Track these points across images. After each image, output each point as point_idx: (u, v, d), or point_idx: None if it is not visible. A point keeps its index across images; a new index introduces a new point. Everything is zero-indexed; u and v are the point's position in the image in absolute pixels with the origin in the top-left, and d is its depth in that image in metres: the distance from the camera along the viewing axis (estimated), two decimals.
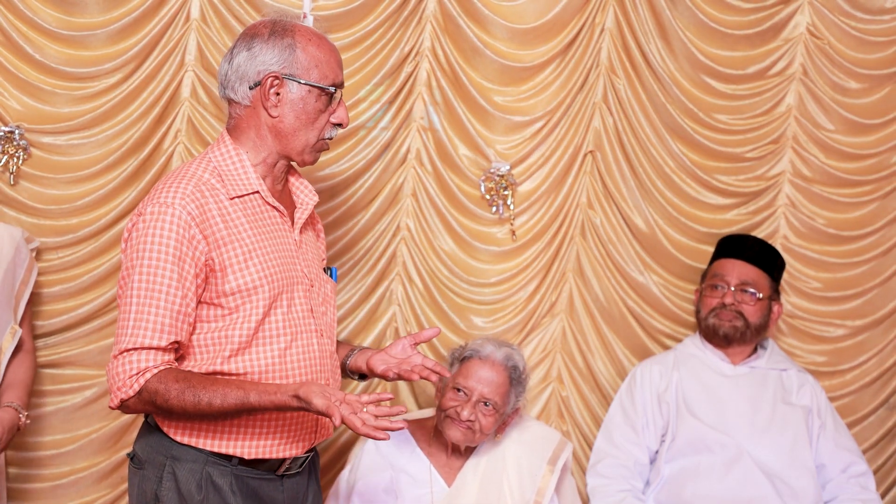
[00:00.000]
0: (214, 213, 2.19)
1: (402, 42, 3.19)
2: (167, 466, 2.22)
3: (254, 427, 2.23)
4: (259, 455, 2.24)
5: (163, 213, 2.15)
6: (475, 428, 2.86)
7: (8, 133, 2.93)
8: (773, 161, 3.48)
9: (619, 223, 3.41)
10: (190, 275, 2.15)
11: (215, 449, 2.21)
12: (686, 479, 3.11)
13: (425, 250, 3.33)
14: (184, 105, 3.06)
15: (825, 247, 3.53)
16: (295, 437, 2.29)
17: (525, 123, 3.31)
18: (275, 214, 2.30)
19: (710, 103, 3.40)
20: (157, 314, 2.13)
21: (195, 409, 2.11)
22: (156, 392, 2.11)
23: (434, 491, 2.90)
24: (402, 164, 3.29)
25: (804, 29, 3.42)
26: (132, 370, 2.12)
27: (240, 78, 2.27)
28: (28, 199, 2.98)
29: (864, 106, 3.48)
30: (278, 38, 2.26)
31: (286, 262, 2.27)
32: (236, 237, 2.20)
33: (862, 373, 3.58)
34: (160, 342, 2.13)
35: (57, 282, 3.02)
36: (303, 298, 2.29)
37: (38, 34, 2.92)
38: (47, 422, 3.08)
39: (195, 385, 2.11)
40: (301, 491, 2.39)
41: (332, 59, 2.30)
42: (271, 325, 2.23)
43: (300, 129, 2.28)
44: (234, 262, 2.18)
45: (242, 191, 2.25)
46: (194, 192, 2.18)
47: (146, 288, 2.13)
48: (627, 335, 3.45)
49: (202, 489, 2.20)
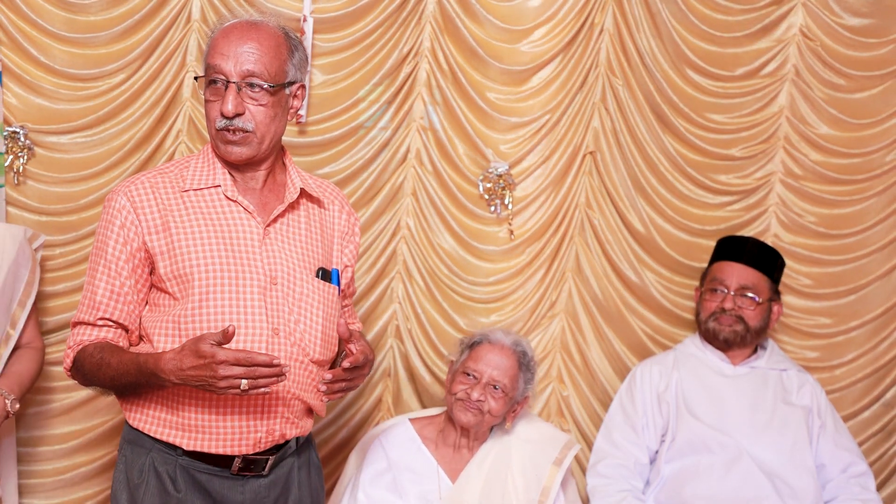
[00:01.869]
0: (159, 201, 2.25)
1: (401, 42, 3.21)
2: (124, 450, 2.32)
3: (192, 420, 2.23)
4: (197, 448, 2.24)
5: (110, 201, 2.27)
6: (484, 409, 2.88)
7: (12, 133, 2.96)
8: (765, 160, 3.50)
9: (616, 223, 3.43)
10: (124, 257, 2.24)
11: (158, 436, 2.26)
12: (686, 479, 3.11)
13: (425, 249, 3.36)
14: (185, 105, 3.09)
15: (816, 243, 3.55)
16: (236, 433, 2.25)
17: (524, 123, 3.33)
18: (237, 209, 2.28)
19: (703, 103, 3.43)
20: (92, 293, 2.26)
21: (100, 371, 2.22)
22: (79, 360, 2.26)
23: (440, 488, 2.91)
24: (402, 164, 3.32)
25: (797, 30, 3.44)
26: (70, 342, 2.29)
27: None
28: (32, 197, 3.02)
29: (856, 106, 3.50)
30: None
31: (238, 256, 2.24)
32: (175, 226, 2.23)
33: (853, 369, 3.59)
34: (91, 318, 2.25)
35: (60, 279, 3.06)
36: (255, 295, 2.23)
37: (41, 35, 2.95)
38: (50, 418, 3.12)
39: (105, 352, 2.22)
40: (272, 496, 2.33)
41: (219, 44, 2.23)
42: (209, 318, 2.20)
43: (208, 125, 2.29)
44: (166, 248, 2.22)
45: (199, 185, 2.28)
46: (145, 181, 2.27)
47: (90, 269, 2.28)
48: (627, 334, 3.47)
49: (142, 473, 2.26)
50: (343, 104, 3.18)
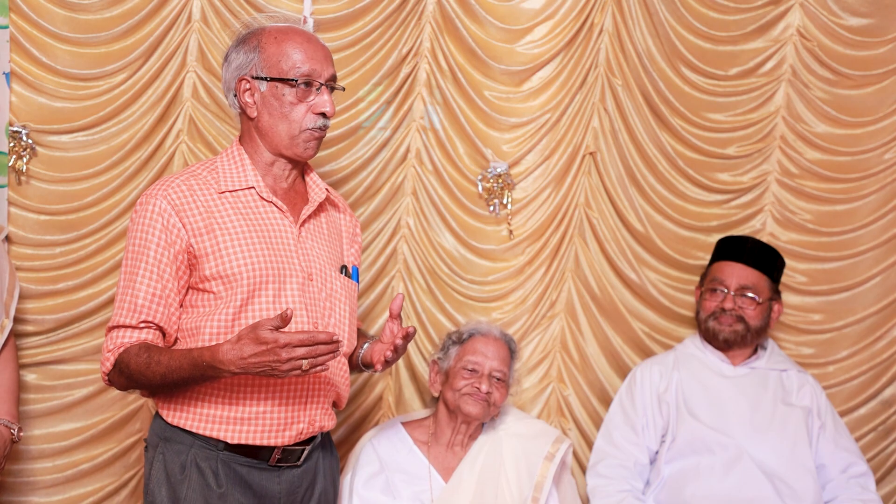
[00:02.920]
0: (199, 203, 2.29)
1: (401, 42, 3.22)
2: (160, 447, 2.34)
3: (235, 413, 2.29)
4: (242, 440, 2.30)
5: (146, 204, 2.29)
6: (490, 401, 2.93)
7: (15, 133, 2.97)
8: (761, 158, 3.51)
9: (615, 222, 3.44)
10: (166, 259, 2.26)
11: (200, 431, 2.30)
12: (686, 480, 3.11)
13: (425, 248, 3.37)
14: (185, 105, 3.10)
15: (811, 240, 3.56)
16: (279, 424, 2.33)
17: (524, 123, 3.34)
18: (272, 209, 2.37)
19: (701, 102, 3.44)
20: (133, 296, 2.27)
21: (148, 370, 2.23)
22: (122, 363, 2.25)
23: (433, 488, 2.93)
24: (401, 163, 3.33)
25: (794, 30, 3.45)
26: (109, 346, 2.28)
27: (227, 90, 2.41)
28: (34, 196, 3.03)
29: (852, 105, 3.51)
30: (245, 42, 2.37)
31: (278, 254, 2.33)
32: (218, 227, 2.29)
33: (847, 366, 3.60)
34: (131, 321, 2.26)
35: (61, 278, 3.07)
36: (296, 292, 2.33)
37: (43, 35, 2.95)
38: (50, 416, 3.13)
39: (152, 351, 2.24)
40: (304, 486, 2.42)
41: (300, 50, 2.34)
42: (254, 314, 2.28)
43: (277, 125, 2.35)
44: (211, 250, 2.27)
45: (234, 186, 2.35)
46: (181, 184, 2.31)
47: (129, 273, 2.29)
48: (627, 333, 3.48)
49: (185, 469, 2.30)
50: (343, 104, 3.19)
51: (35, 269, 3.05)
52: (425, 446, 3.00)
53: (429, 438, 3.01)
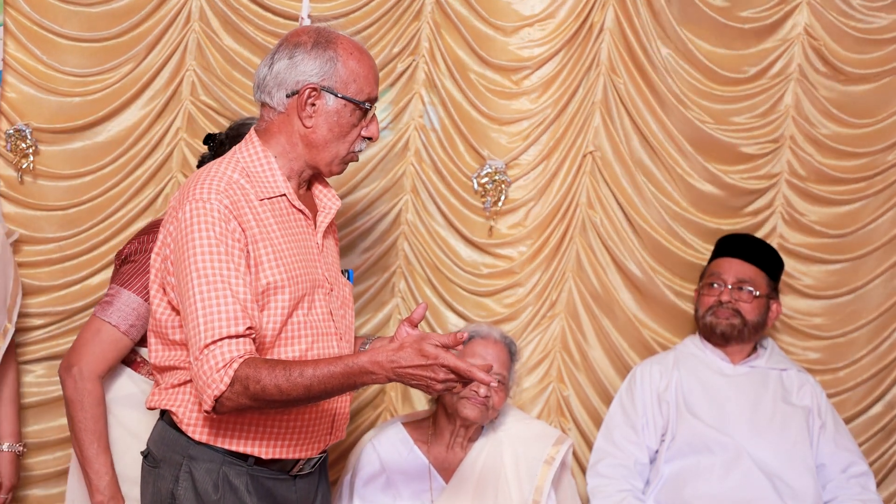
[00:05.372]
0: (247, 210, 2.17)
1: (399, 40, 3.24)
2: (184, 465, 2.21)
3: (271, 427, 2.23)
4: (276, 455, 2.24)
5: (201, 209, 2.12)
6: (489, 405, 2.92)
7: (17, 132, 3.02)
8: (772, 160, 3.48)
9: (619, 222, 3.42)
10: (242, 263, 2.13)
11: (233, 448, 2.21)
12: (686, 480, 3.11)
13: (426, 244, 3.38)
14: (184, 103, 3.14)
15: (820, 242, 3.52)
16: (311, 437, 2.29)
17: (523, 121, 3.34)
18: (300, 217, 2.29)
19: (706, 103, 3.41)
20: (225, 305, 2.07)
21: (289, 384, 2.04)
22: (247, 378, 2.04)
23: (433, 488, 2.93)
24: (400, 161, 3.34)
25: (801, 29, 3.41)
26: (219, 363, 2.05)
27: (278, 84, 2.25)
28: (35, 194, 3.08)
29: (860, 105, 3.47)
30: (321, 49, 2.25)
31: (309, 264, 2.26)
32: (266, 236, 2.18)
33: (857, 370, 3.56)
34: (238, 329, 2.07)
35: (60, 273, 3.11)
36: (323, 301, 2.29)
37: (44, 33, 3.00)
38: (51, 409, 3.18)
39: (286, 363, 2.07)
40: (312, 491, 2.40)
41: (370, 74, 2.29)
42: (293, 327, 2.22)
43: (332, 142, 2.27)
44: (264, 259, 2.16)
45: (270, 193, 2.24)
46: (227, 188, 2.17)
47: (207, 283, 2.08)
48: (628, 333, 3.46)
49: (219, 489, 2.20)
50: None
51: (37, 265, 3.10)
52: (426, 446, 3.00)
53: (429, 438, 3.01)
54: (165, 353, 2.25)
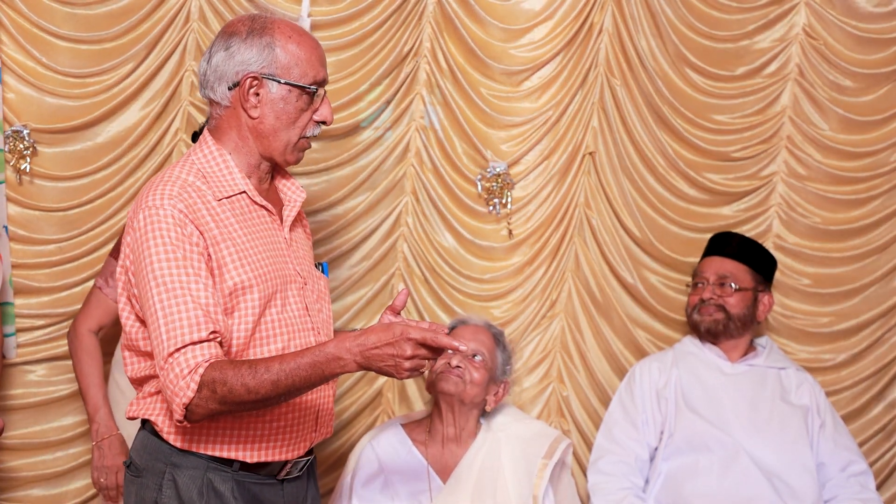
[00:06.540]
0: (204, 212, 2.11)
1: (401, 42, 3.24)
2: (167, 473, 2.16)
3: (254, 429, 2.17)
4: (261, 458, 2.19)
5: (154, 216, 2.07)
6: (466, 378, 2.91)
7: (15, 132, 3.01)
8: (767, 160, 3.48)
9: (615, 223, 3.43)
10: (203, 267, 2.07)
11: (216, 453, 2.15)
12: (685, 478, 3.11)
13: (425, 247, 3.37)
14: (183, 104, 3.14)
15: (819, 244, 3.53)
16: (296, 436, 2.24)
17: (523, 123, 3.34)
18: (263, 213, 2.23)
19: (704, 103, 3.42)
20: (185, 311, 2.02)
21: (254, 381, 1.99)
22: (214, 381, 1.99)
23: (431, 489, 2.93)
24: (401, 162, 3.34)
25: (800, 29, 3.42)
26: (184, 370, 2.00)
27: (218, 78, 2.19)
28: (35, 195, 3.06)
29: (861, 105, 3.47)
30: (256, 36, 2.18)
31: (278, 260, 2.20)
32: (228, 236, 2.12)
33: (858, 369, 3.57)
34: (200, 334, 2.02)
35: (59, 275, 3.11)
36: (297, 297, 2.23)
37: (42, 33, 2.99)
38: (51, 410, 3.17)
39: (251, 362, 2.02)
40: (300, 495, 2.34)
41: (312, 55, 2.21)
42: (267, 326, 2.16)
43: (281, 130, 2.20)
44: (227, 260, 2.11)
45: (229, 192, 2.18)
46: (180, 192, 2.11)
47: (166, 291, 2.04)
48: (625, 335, 3.46)
49: (203, 496, 2.14)
50: (342, 102, 3.20)
51: (36, 266, 3.09)
52: (424, 447, 3.00)
53: (427, 438, 3.01)
54: (140, 365, 2.21)
